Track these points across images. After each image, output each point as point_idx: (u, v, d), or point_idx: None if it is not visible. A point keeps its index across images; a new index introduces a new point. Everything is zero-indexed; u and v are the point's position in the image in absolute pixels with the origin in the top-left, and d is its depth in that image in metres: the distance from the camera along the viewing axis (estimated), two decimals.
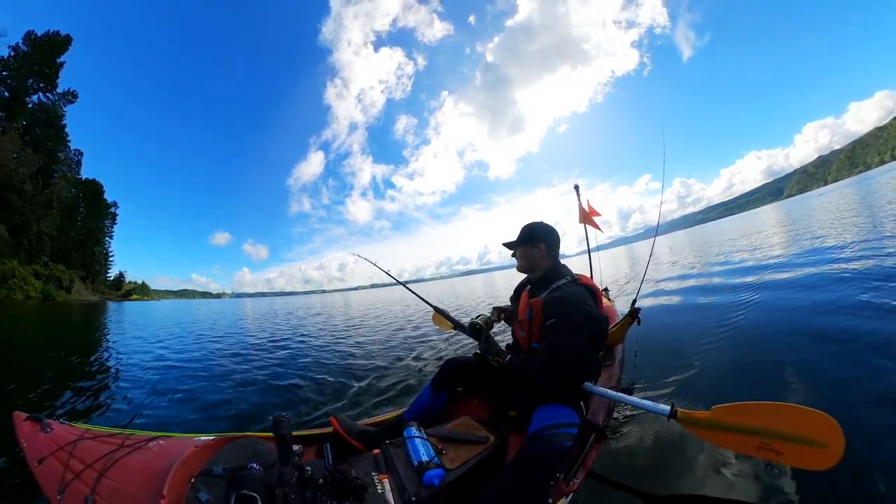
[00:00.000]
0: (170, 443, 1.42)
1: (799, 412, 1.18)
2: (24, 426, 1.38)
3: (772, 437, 1.20)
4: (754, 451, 1.25)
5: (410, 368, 4.01)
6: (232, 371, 4.60)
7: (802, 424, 1.16)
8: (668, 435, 1.97)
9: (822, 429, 1.13)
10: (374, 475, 1.30)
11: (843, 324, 3.10)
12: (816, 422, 1.14)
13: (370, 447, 1.53)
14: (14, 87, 45.86)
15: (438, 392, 1.91)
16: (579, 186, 4.49)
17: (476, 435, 1.60)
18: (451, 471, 1.38)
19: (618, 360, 2.54)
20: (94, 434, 1.41)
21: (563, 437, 1.45)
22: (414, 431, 1.52)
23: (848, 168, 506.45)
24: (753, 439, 1.24)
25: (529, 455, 1.39)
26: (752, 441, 1.25)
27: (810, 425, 1.15)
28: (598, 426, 1.78)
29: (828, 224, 11.07)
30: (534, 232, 1.84)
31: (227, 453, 1.31)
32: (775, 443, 1.20)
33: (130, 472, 1.27)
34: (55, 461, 1.27)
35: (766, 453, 1.22)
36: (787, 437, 1.18)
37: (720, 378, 2.68)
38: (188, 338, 8.35)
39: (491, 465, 1.52)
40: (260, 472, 1.20)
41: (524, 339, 1.85)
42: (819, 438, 1.12)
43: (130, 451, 1.35)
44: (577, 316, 1.53)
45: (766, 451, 1.22)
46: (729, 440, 1.34)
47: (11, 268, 38.44)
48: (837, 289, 4.07)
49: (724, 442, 1.37)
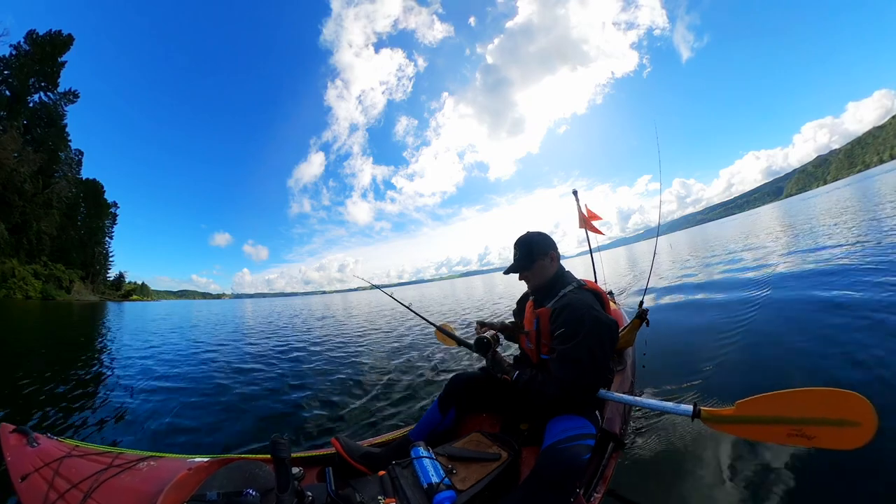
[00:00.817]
0: (161, 464, 1.35)
1: (827, 394, 1.16)
2: (10, 439, 1.33)
3: (802, 423, 1.18)
4: (784, 438, 1.23)
5: (415, 384, 3.86)
6: (227, 387, 4.38)
7: (832, 406, 1.14)
8: (688, 438, 1.92)
9: (853, 407, 1.11)
10: (381, 499, 1.23)
11: (858, 315, 3.08)
12: (846, 401, 1.12)
13: (375, 469, 1.46)
14: (15, 86, 45.93)
15: (446, 409, 1.83)
16: (577, 191, 4.45)
17: (487, 452, 1.52)
18: (463, 492, 1.30)
19: (629, 363, 2.47)
20: (83, 451, 1.36)
21: (580, 449, 1.38)
22: (421, 451, 1.44)
23: (847, 167, 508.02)
24: (783, 428, 1.22)
25: (546, 471, 1.32)
26: (782, 430, 1.22)
27: (840, 405, 1.13)
28: (615, 435, 1.70)
29: (830, 222, 11.05)
30: (538, 245, 1.75)
31: (221, 477, 1.23)
32: (806, 428, 1.18)
33: (118, 494, 1.22)
34: (39, 478, 1.22)
35: (797, 440, 1.20)
36: (818, 420, 1.16)
37: (737, 375, 2.65)
38: (184, 345, 8.23)
39: (505, 483, 1.44)
40: (257, 498, 1.12)
41: (533, 351, 1.78)
42: (851, 417, 1.11)
43: (119, 471, 1.29)
44: (587, 323, 1.46)
45: (797, 438, 1.20)
46: (758, 432, 1.31)
47: (11, 267, 38.47)
48: (848, 282, 4.06)
49: (752, 434, 1.34)
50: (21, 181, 42.24)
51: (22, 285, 39.05)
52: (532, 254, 1.74)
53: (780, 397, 1.23)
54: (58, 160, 51.03)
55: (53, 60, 49.97)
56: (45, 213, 46.44)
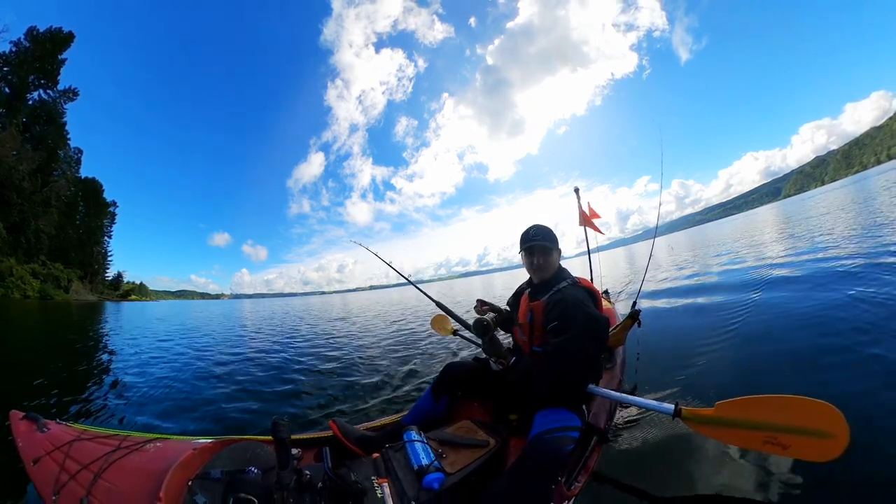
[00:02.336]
0: (167, 445, 1.41)
1: (803, 403, 1.17)
2: (21, 425, 1.37)
3: (778, 430, 1.20)
4: (760, 445, 1.24)
5: (410, 373, 4.00)
6: (231, 373, 4.58)
7: (808, 416, 1.16)
8: (670, 436, 1.96)
9: (827, 419, 1.12)
10: (374, 479, 1.29)
11: (845, 320, 3.12)
12: (821, 412, 1.14)
13: (370, 451, 1.52)
14: (15, 83, 45.68)
15: (438, 396, 1.90)
16: (579, 189, 4.48)
17: (476, 439, 1.59)
18: (452, 475, 1.37)
19: (619, 362, 2.53)
20: (91, 435, 1.41)
21: (564, 440, 1.45)
22: (414, 435, 1.51)
23: (845, 168, 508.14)
24: (759, 434, 1.23)
25: (531, 459, 1.39)
26: (758, 436, 1.24)
27: (816, 416, 1.14)
28: (599, 429, 1.77)
29: (827, 222, 11.12)
30: (553, 236, 1.81)
31: (225, 456, 1.29)
32: (781, 436, 1.19)
33: (127, 473, 1.26)
34: (51, 461, 1.26)
35: (772, 448, 1.21)
36: (794, 429, 1.17)
37: (723, 377, 2.68)
38: (187, 336, 8.30)
39: (492, 469, 1.51)
40: (258, 475, 1.19)
41: (525, 342, 1.84)
42: (825, 429, 1.12)
43: (127, 452, 1.34)
44: (579, 318, 1.52)
45: (772, 446, 1.21)
46: (735, 437, 1.32)
47: (9, 266, 38.28)
48: (838, 285, 4.10)
49: (729, 439, 1.35)
50: (20, 179, 42.07)
51: (20, 285, 38.85)
52: (552, 240, 1.79)
53: (759, 402, 1.26)
54: (57, 158, 50.82)
55: (53, 58, 49.74)
56: (43, 212, 46.25)
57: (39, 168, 46.23)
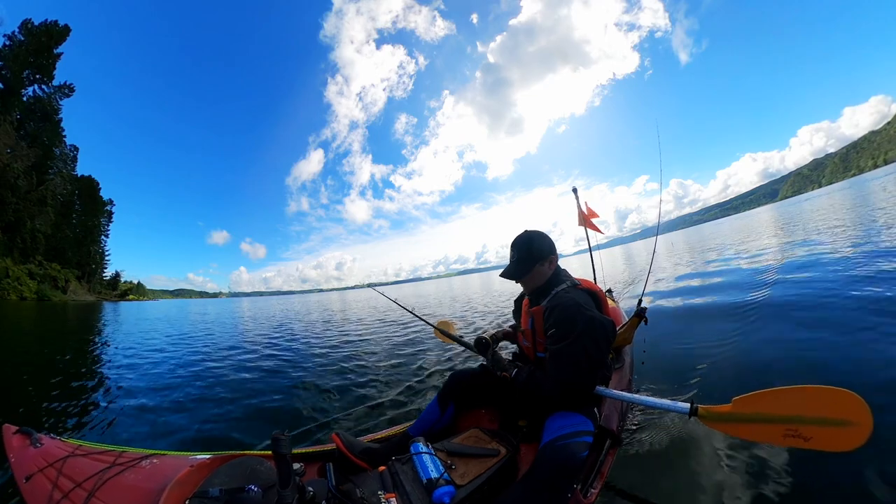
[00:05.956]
0: (164, 461, 1.37)
1: (822, 392, 1.14)
2: (14, 440, 1.34)
3: (798, 422, 1.17)
4: (781, 440, 1.20)
5: (414, 381, 3.88)
6: (228, 383, 4.41)
7: (828, 405, 1.13)
8: (684, 436, 1.93)
9: (849, 407, 1.09)
10: (381, 494, 1.24)
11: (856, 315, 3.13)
12: (842, 400, 1.11)
13: (375, 464, 1.47)
14: (9, 78, 45.11)
15: (445, 405, 1.85)
16: (577, 189, 4.46)
17: (486, 448, 1.54)
18: (462, 487, 1.32)
19: (627, 361, 2.49)
20: (86, 451, 1.37)
21: (578, 446, 1.40)
22: (421, 447, 1.46)
23: (842, 171, 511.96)
24: (779, 427, 1.20)
25: (544, 467, 1.34)
26: (779, 429, 1.20)
27: (836, 405, 1.11)
28: (612, 432, 1.72)
29: (825, 224, 11.16)
30: (538, 248, 1.70)
31: (223, 473, 1.24)
32: (801, 428, 1.16)
33: (122, 492, 1.23)
34: (44, 479, 1.23)
35: (793, 440, 1.18)
36: (814, 420, 1.14)
37: (735, 373, 2.66)
38: (183, 342, 8.22)
39: (503, 478, 1.46)
40: (258, 494, 1.14)
41: (529, 349, 1.80)
42: (847, 417, 1.09)
43: (123, 469, 1.30)
44: (578, 322, 1.47)
45: (793, 439, 1.18)
46: (754, 432, 1.29)
47: (5, 267, 37.95)
48: (846, 282, 4.11)
49: (749, 435, 1.32)
50: (14, 177, 41.71)
51: (16, 286, 38.54)
52: (531, 258, 1.69)
53: (776, 394, 1.22)
54: (52, 156, 50.39)
55: (49, 52, 49.14)
56: (39, 211, 45.89)
57: (34, 166, 45.85)
